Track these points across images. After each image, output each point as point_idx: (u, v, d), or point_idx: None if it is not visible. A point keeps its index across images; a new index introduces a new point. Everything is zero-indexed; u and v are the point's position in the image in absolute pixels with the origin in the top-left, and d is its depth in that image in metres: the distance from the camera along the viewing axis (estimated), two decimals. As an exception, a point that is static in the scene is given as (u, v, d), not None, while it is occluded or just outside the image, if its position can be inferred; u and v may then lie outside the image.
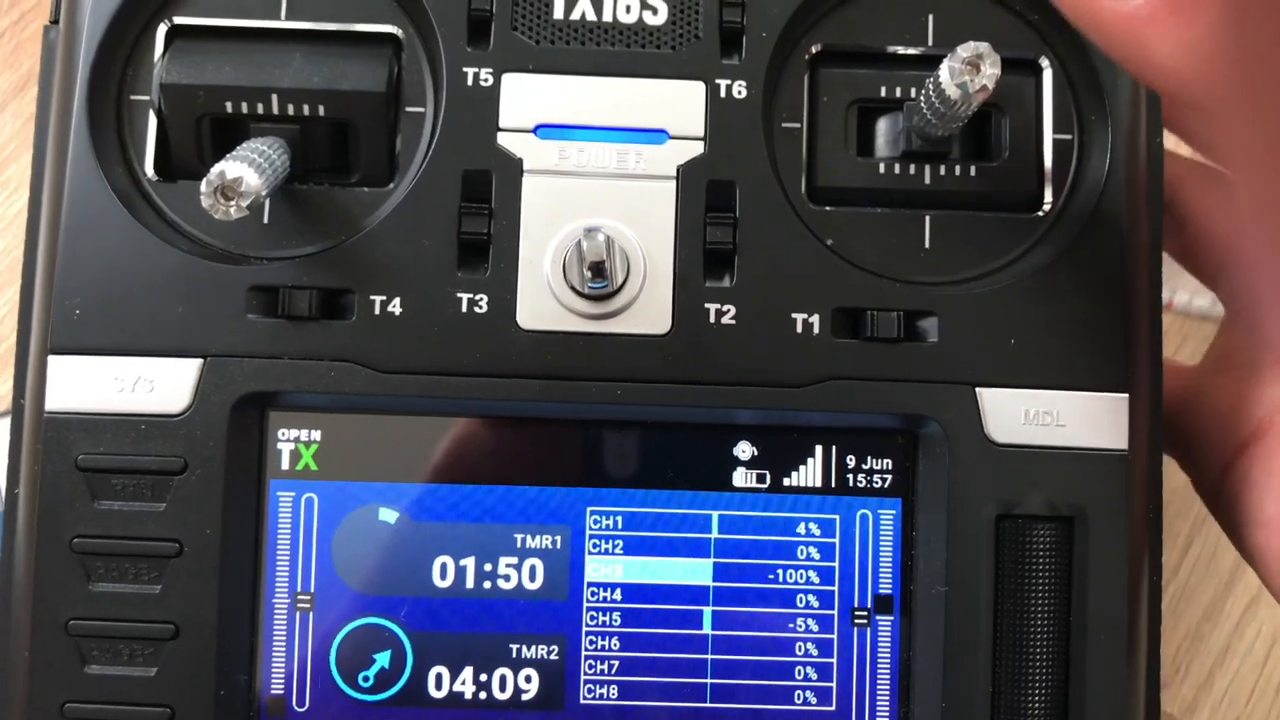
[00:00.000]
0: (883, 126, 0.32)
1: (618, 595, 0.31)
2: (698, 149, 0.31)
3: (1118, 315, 0.31)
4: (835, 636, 0.31)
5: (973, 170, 0.32)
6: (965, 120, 0.30)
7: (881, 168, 0.32)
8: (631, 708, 0.31)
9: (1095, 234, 0.31)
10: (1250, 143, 0.30)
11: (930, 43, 0.32)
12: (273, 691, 0.31)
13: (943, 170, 0.32)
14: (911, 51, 0.32)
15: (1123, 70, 0.31)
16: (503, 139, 0.31)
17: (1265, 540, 0.32)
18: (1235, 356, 0.35)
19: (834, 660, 0.31)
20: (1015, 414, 0.30)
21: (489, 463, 0.31)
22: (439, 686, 0.31)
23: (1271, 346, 0.33)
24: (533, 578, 0.31)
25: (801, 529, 0.31)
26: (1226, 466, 0.34)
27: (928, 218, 0.32)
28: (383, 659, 0.31)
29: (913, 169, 0.32)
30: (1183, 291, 0.50)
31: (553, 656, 0.31)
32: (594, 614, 0.31)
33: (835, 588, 0.31)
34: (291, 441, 0.31)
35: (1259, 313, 0.33)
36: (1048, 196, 0.32)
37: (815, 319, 0.31)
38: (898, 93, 0.32)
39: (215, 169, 0.27)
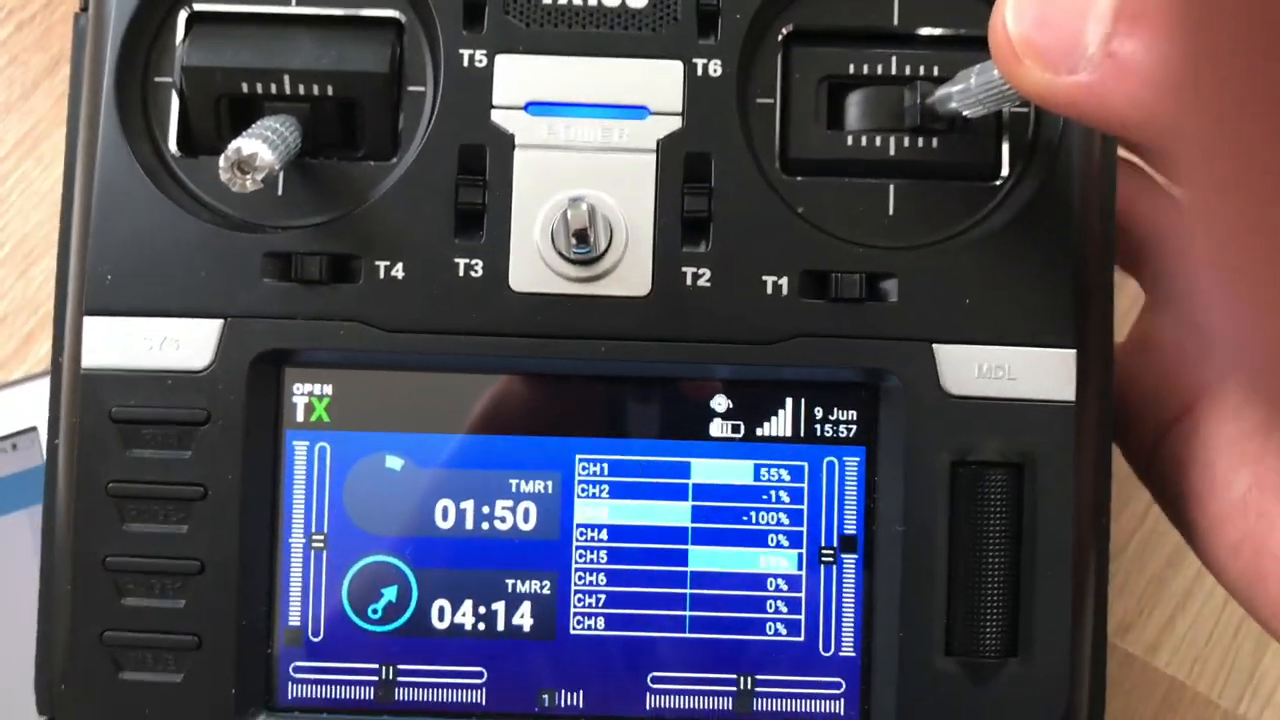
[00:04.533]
0: (854, 100, 0.34)
1: (604, 535, 0.34)
2: (676, 124, 0.33)
3: (1068, 276, 0.33)
4: (804, 573, 0.34)
5: (935, 142, 0.34)
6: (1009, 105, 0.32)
7: (849, 140, 0.34)
8: (617, 638, 0.34)
9: (1048, 200, 0.33)
10: (1209, 168, 0.32)
11: (895, 22, 0.34)
12: (290, 623, 0.33)
13: (906, 142, 0.34)
14: (878, 31, 0.34)
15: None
16: (496, 116, 0.33)
17: (1195, 516, 0.34)
18: (1159, 338, 0.37)
19: (803, 595, 0.34)
20: (969, 368, 0.33)
21: (486, 414, 0.34)
22: (441, 618, 0.34)
23: (1203, 336, 0.35)
24: (526, 519, 0.34)
25: (773, 475, 0.34)
26: (1155, 443, 0.36)
27: (892, 186, 0.34)
28: (390, 593, 0.34)
29: (878, 141, 0.34)
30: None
31: (545, 591, 0.34)
32: (583, 552, 0.34)
33: (804, 529, 0.34)
34: (305, 395, 0.34)
35: (1195, 309, 0.35)
36: (1005, 165, 0.34)
37: (784, 281, 0.33)
38: (865, 69, 0.34)
39: (232, 146, 0.30)
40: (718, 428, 0.34)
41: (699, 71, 0.33)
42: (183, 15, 0.34)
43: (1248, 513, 0.33)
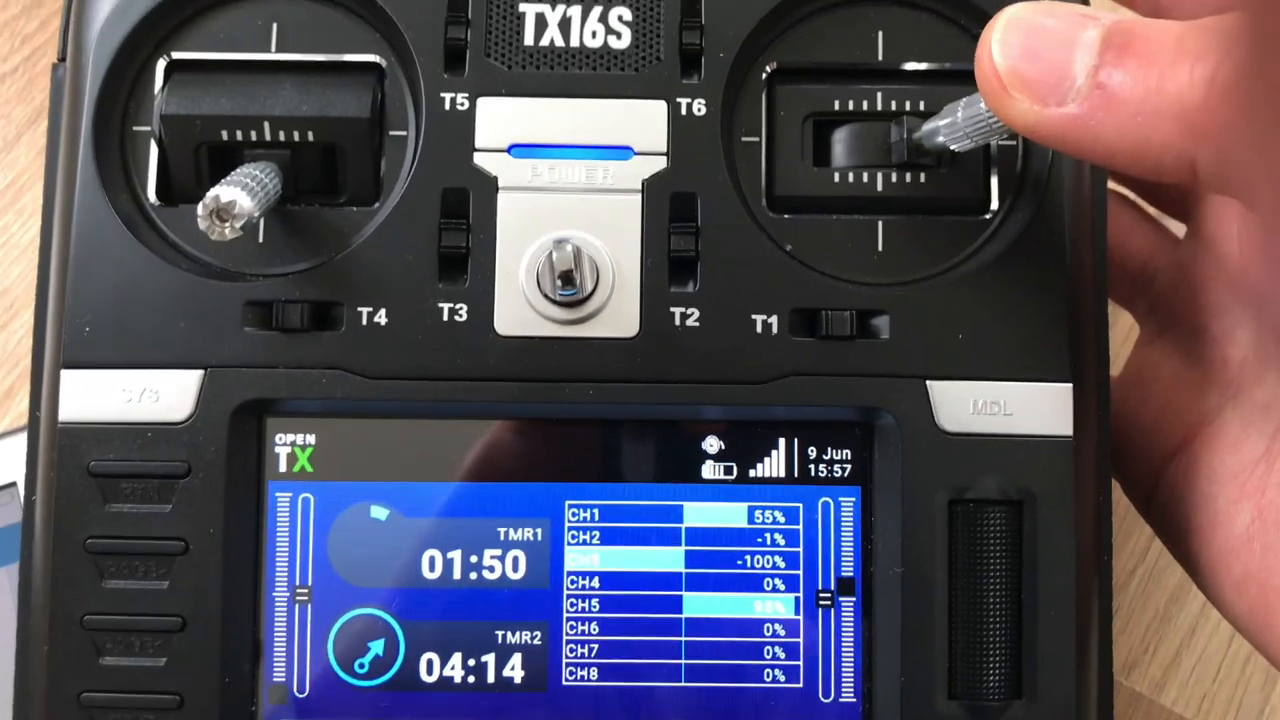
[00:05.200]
0: (840, 137, 0.34)
1: (596, 583, 0.33)
2: (661, 164, 0.33)
3: (1061, 309, 0.33)
4: (801, 617, 0.33)
5: (923, 177, 0.34)
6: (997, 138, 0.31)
7: (836, 177, 0.34)
8: (610, 688, 0.33)
9: (1038, 233, 0.33)
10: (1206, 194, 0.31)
11: (880, 58, 0.34)
12: (275, 679, 0.33)
13: (894, 177, 0.34)
14: (863, 67, 0.34)
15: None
16: (479, 159, 0.33)
17: (1198, 551, 0.34)
18: (1155, 370, 0.36)
19: (800, 640, 0.33)
20: (964, 404, 0.32)
21: (473, 461, 0.33)
22: (430, 672, 0.33)
23: (1206, 367, 0.35)
24: (516, 568, 0.33)
25: (767, 517, 0.33)
26: (1155, 478, 0.35)
27: (880, 222, 0.34)
28: (377, 647, 0.33)
29: (866, 177, 0.34)
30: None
31: (536, 641, 0.33)
32: (574, 601, 0.33)
33: (800, 572, 0.33)
34: (288, 445, 0.33)
35: (1202, 338, 0.35)
36: (994, 200, 0.34)
37: (774, 319, 0.32)
38: (850, 106, 0.34)
39: (210, 193, 0.29)
40: (710, 470, 0.33)
41: (683, 111, 0.33)
42: (161, 63, 0.34)
43: (1252, 546, 0.32)
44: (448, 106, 0.33)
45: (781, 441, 0.33)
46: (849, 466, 0.33)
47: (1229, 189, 0.26)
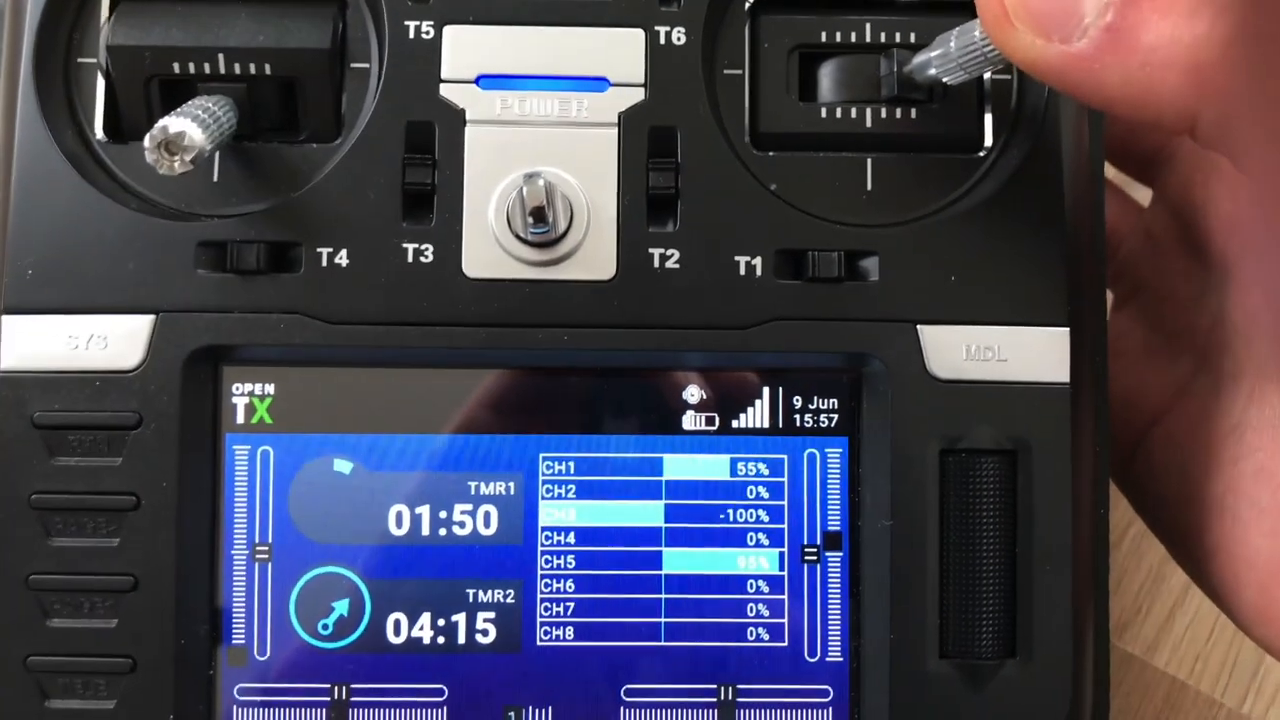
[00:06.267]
0: (827, 70, 0.33)
1: (571, 539, 0.31)
2: (639, 95, 0.31)
3: (1058, 250, 0.31)
4: (786, 574, 0.32)
5: (914, 113, 0.32)
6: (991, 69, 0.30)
7: (824, 112, 0.32)
8: (587, 648, 0.31)
9: (1034, 171, 0.32)
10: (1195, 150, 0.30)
11: (869, -13, 0.32)
12: (234, 641, 0.31)
13: (884, 113, 0.32)
14: (851, -4, 0.32)
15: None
16: (445, 90, 0.31)
17: (1172, 523, 0.33)
18: (1127, 340, 0.36)
19: (785, 597, 0.31)
20: (957, 350, 0.31)
21: (441, 412, 0.31)
22: (397, 632, 0.31)
23: (1176, 336, 0.34)
24: (487, 524, 0.31)
25: (751, 469, 0.32)
26: (1131, 451, 0.35)
27: (870, 160, 0.32)
28: (341, 607, 0.31)
29: (854, 113, 0.32)
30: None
31: (509, 600, 0.31)
32: (548, 558, 0.31)
33: (785, 526, 0.32)
34: (246, 396, 0.31)
35: (1169, 306, 0.34)
36: (988, 136, 0.32)
37: (758, 261, 0.31)
38: (838, 37, 0.32)
39: (159, 124, 0.28)
40: (691, 420, 0.32)
41: (661, 40, 0.31)
42: (108, -8, 0.32)
43: (1224, 518, 0.32)
44: (412, 35, 0.31)
45: (766, 390, 0.32)
46: (836, 416, 0.32)
47: (1226, 148, 0.25)
